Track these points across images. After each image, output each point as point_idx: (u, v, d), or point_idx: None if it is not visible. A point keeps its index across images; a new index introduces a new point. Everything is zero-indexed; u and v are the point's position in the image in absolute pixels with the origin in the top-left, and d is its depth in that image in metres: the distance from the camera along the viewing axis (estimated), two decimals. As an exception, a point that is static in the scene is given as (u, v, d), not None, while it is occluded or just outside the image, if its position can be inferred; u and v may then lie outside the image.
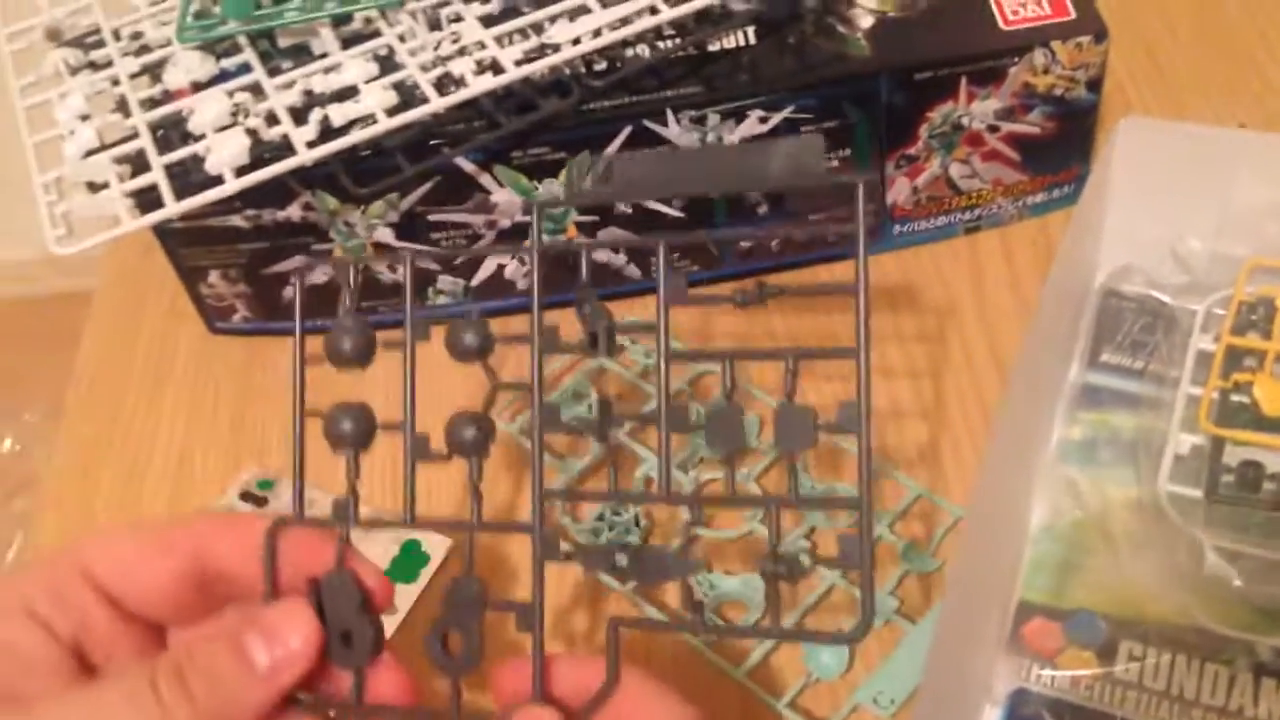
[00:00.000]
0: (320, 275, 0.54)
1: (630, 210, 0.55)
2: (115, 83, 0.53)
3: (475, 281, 0.57)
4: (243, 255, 0.55)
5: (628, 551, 0.32)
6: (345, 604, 0.34)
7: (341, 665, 0.35)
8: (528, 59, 0.50)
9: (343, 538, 0.35)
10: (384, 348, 0.36)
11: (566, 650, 0.46)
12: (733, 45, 0.53)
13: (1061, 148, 0.55)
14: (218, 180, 0.47)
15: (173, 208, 0.46)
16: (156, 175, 0.48)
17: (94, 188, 0.48)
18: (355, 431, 0.35)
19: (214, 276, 0.56)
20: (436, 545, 0.49)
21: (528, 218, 0.54)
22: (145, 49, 0.54)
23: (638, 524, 0.48)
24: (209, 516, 0.38)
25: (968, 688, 0.42)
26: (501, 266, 0.56)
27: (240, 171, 0.47)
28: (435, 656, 0.34)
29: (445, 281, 0.56)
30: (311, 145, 0.48)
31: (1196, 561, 0.42)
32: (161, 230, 0.54)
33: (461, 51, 0.50)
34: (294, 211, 0.53)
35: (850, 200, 0.29)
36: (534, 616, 0.33)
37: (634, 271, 0.57)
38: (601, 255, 0.56)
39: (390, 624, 0.46)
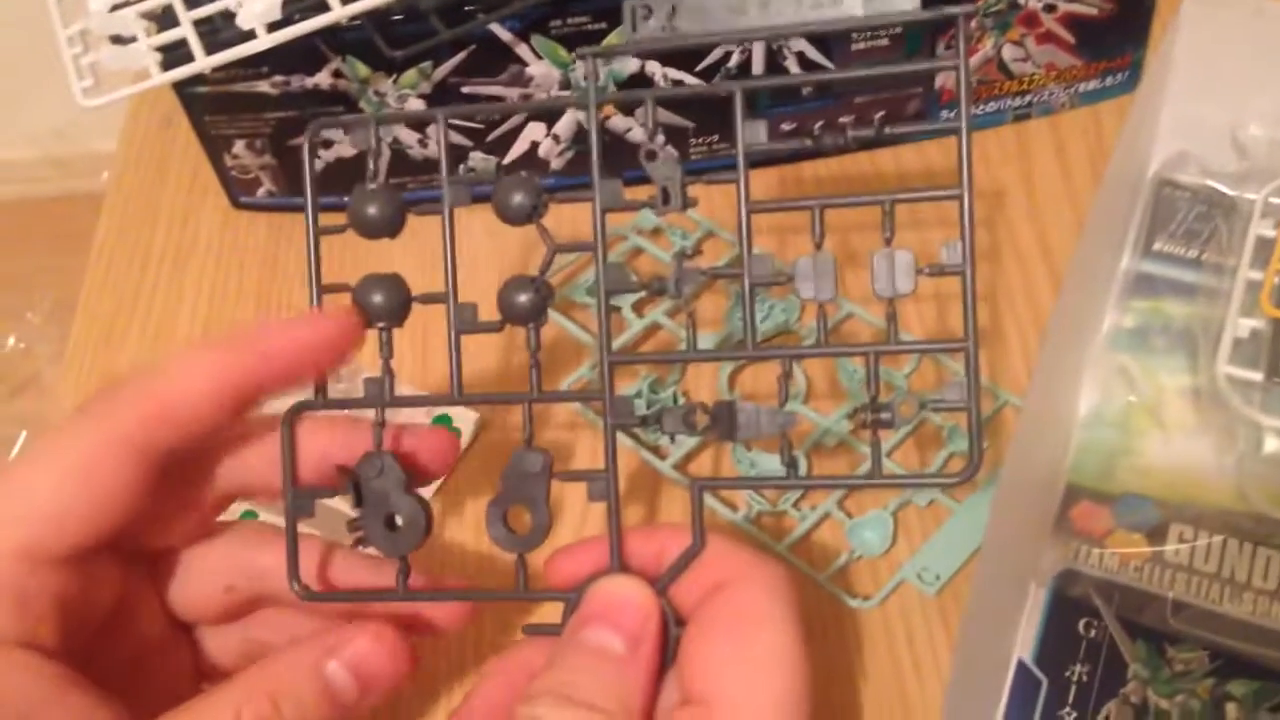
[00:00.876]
0: (340, 140, 0.52)
1: (668, 86, 0.53)
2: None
3: (508, 159, 0.55)
4: (269, 124, 0.53)
5: (713, 410, 0.31)
6: (388, 486, 0.33)
7: (388, 553, 0.33)
8: (570, -82, 0.48)
9: (379, 421, 0.34)
10: (418, 213, 0.34)
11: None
12: (782, -86, 0.51)
13: (1118, 31, 0.53)
14: (249, 35, 0.45)
15: (203, 61, 0.45)
16: (185, 30, 0.46)
17: (120, 41, 0.47)
18: (388, 304, 0.33)
19: (239, 147, 0.54)
20: (466, 420, 0.48)
21: (566, 92, 0.53)
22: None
23: (675, 402, 0.47)
24: (127, 411, 0.32)
25: (1016, 570, 0.41)
26: (535, 144, 0.55)
27: (273, 27, 0.45)
28: (497, 534, 0.33)
29: (476, 158, 0.55)
30: (346, 1, 0.46)
31: (1254, 445, 0.41)
32: (187, 95, 0.52)
33: (502, -92, 0.48)
34: (323, 79, 0.51)
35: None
36: (609, 485, 0.32)
37: (670, 153, 0.55)
38: (637, 134, 0.54)
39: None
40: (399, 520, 0.33)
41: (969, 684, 0.37)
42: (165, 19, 0.47)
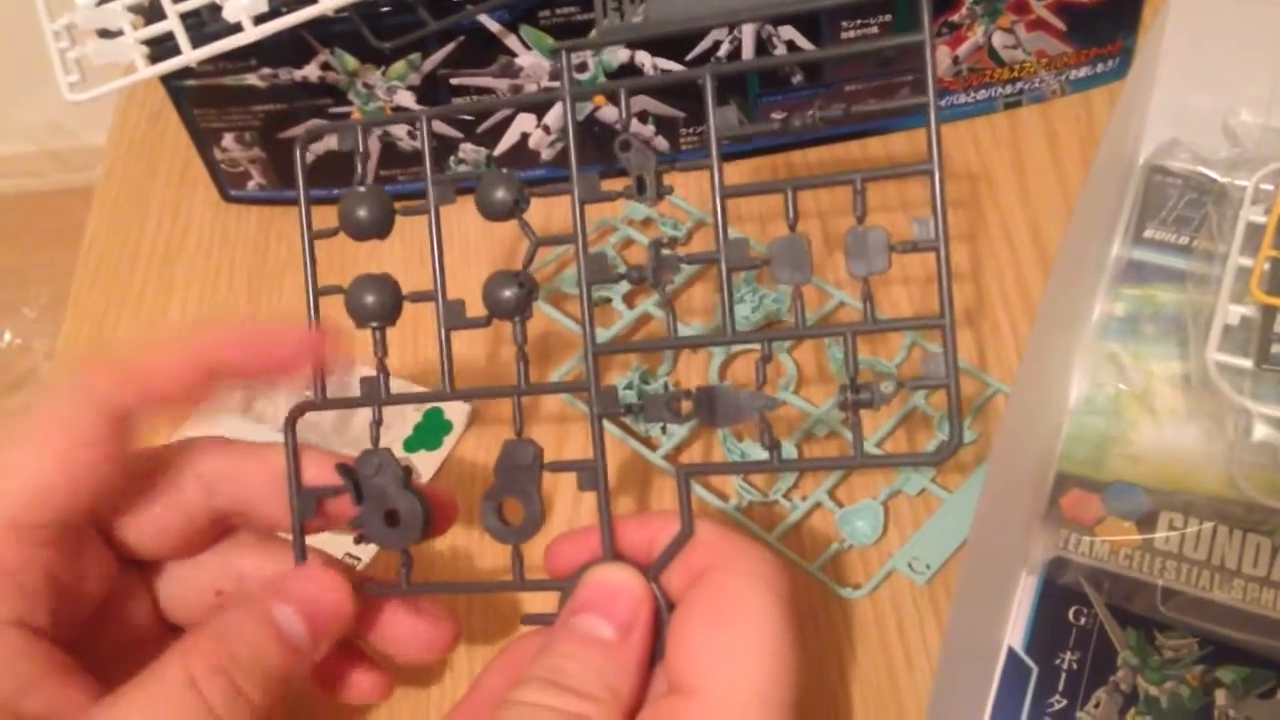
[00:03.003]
0: (327, 143, 0.52)
1: (661, 75, 0.53)
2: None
3: (498, 151, 0.55)
4: (258, 117, 0.53)
5: (694, 396, 0.31)
6: (385, 483, 0.33)
7: (388, 547, 0.34)
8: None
9: (377, 419, 0.34)
10: (404, 214, 0.34)
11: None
12: (771, -97, 0.50)
13: (1109, 17, 0.53)
14: (236, 28, 0.45)
15: (189, 55, 0.45)
16: (172, 23, 0.46)
17: (107, 35, 0.46)
18: (380, 305, 0.34)
19: (228, 140, 0.54)
20: (458, 412, 0.48)
21: (556, 83, 0.52)
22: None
23: (666, 390, 0.47)
24: (99, 373, 0.32)
25: (1006, 558, 0.41)
26: (525, 135, 0.55)
27: (260, 20, 0.45)
28: (492, 526, 0.33)
29: (467, 150, 0.55)
30: (333, -6, 0.46)
31: (1244, 432, 0.41)
32: (175, 89, 0.52)
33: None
34: (312, 71, 0.51)
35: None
36: (597, 474, 0.32)
37: (662, 143, 0.55)
38: (632, 124, 0.54)
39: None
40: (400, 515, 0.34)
41: (958, 672, 0.37)
42: (152, 12, 0.47)
